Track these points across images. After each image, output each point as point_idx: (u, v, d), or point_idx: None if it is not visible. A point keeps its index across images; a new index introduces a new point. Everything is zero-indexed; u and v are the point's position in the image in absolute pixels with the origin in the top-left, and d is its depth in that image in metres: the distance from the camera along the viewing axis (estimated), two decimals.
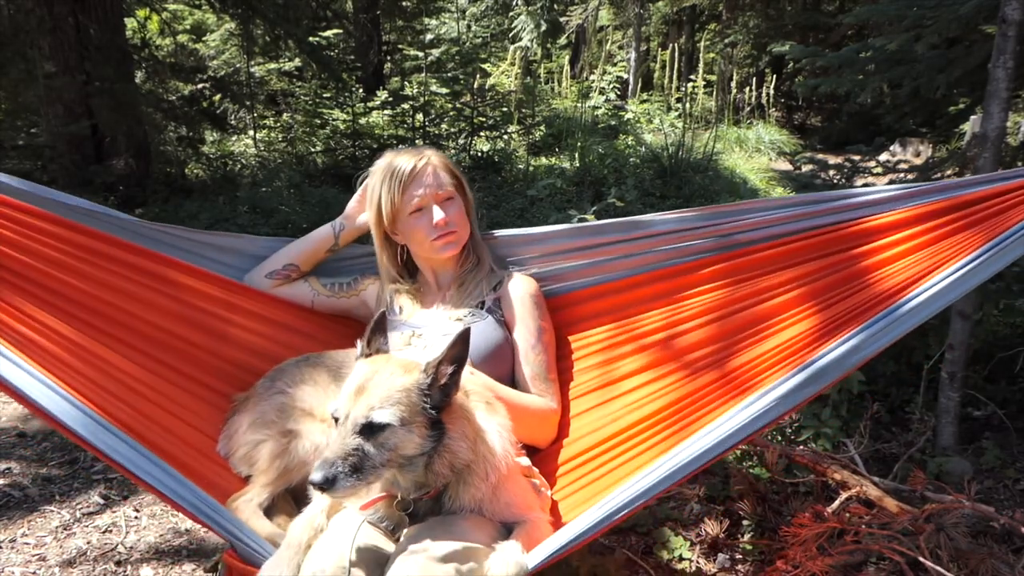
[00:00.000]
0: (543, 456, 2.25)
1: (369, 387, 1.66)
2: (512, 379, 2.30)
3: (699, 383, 2.10)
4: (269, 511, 2.06)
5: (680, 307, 2.29)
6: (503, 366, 2.28)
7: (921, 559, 2.17)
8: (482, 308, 2.33)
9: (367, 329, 1.81)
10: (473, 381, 1.99)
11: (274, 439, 2.11)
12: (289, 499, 2.14)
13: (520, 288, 2.37)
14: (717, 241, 2.28)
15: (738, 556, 2.72)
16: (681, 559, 2.71)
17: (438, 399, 1.70)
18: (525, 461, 2.10)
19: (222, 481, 2.08)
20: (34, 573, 2.65)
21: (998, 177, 1.91)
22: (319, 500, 1.86)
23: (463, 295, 2.37)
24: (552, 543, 1.73)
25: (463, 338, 1.70)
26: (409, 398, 1.66)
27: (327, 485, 1.56)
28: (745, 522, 2.83)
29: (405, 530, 1.75)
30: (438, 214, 2.29)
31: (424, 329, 2.28)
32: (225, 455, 2.17)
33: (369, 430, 1.62)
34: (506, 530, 1.82)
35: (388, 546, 1.74)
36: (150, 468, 1.76)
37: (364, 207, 2.46)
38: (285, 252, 2.51)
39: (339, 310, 2.56)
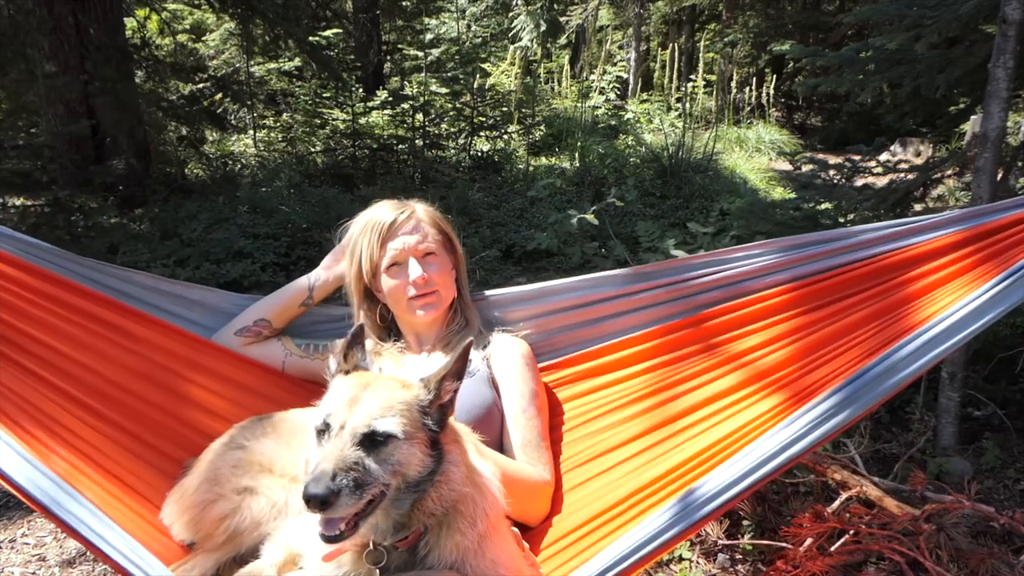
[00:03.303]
0: (530, 536, 2.00)
1: (364, 397, 1.46)
2: (499, 447, 2.11)
3: (706, 442, 1.93)
4: None
5: (680, 366, 2.14)
6: (491, 430, 2.08)
7: (921, 559, 2.18)
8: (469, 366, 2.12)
9: (342, 344, 1.63)
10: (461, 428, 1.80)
11: (225, 498, 1.84)
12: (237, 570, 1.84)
13: (511, 349, 2.20)
14: (723, 292, 2.15)
15: (738, 556, 2.72)
16: (681, 559, 2.71)
17: (437, 419, 1.51)
18: (515, 530, 1.88)
19: (164, 551, 1.83)
20: (34, 573, 2.65)
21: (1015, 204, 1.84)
22: (270, 553, 1.64)
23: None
24: None
25: (465, 353, 1.55)
26: (411, 412, 1.47)
27: (328, 502, 1.30)
28: (745, 522, 2.83)
29: None
30: (415, 271, 2.13)
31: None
32: (168, 523, 1.91)
33: (370, 442, 1.40)
34: None
35: None
36: (87, 518, 1.57)
37: (340, 259, 2.33)
38: (256, 307, 2.35)
39: (311, 373, 2.32)
